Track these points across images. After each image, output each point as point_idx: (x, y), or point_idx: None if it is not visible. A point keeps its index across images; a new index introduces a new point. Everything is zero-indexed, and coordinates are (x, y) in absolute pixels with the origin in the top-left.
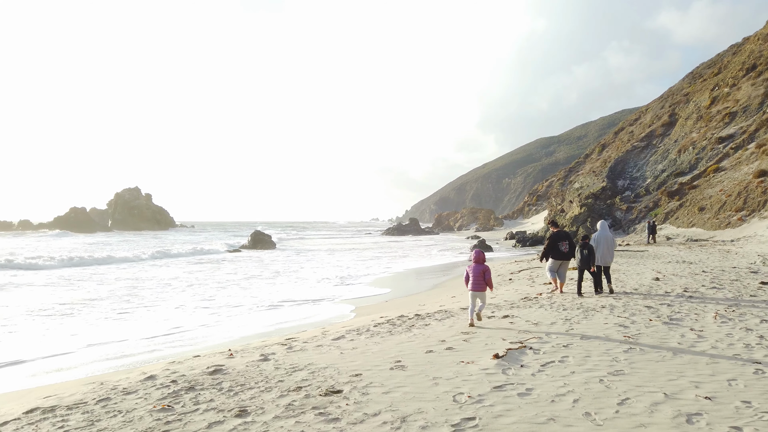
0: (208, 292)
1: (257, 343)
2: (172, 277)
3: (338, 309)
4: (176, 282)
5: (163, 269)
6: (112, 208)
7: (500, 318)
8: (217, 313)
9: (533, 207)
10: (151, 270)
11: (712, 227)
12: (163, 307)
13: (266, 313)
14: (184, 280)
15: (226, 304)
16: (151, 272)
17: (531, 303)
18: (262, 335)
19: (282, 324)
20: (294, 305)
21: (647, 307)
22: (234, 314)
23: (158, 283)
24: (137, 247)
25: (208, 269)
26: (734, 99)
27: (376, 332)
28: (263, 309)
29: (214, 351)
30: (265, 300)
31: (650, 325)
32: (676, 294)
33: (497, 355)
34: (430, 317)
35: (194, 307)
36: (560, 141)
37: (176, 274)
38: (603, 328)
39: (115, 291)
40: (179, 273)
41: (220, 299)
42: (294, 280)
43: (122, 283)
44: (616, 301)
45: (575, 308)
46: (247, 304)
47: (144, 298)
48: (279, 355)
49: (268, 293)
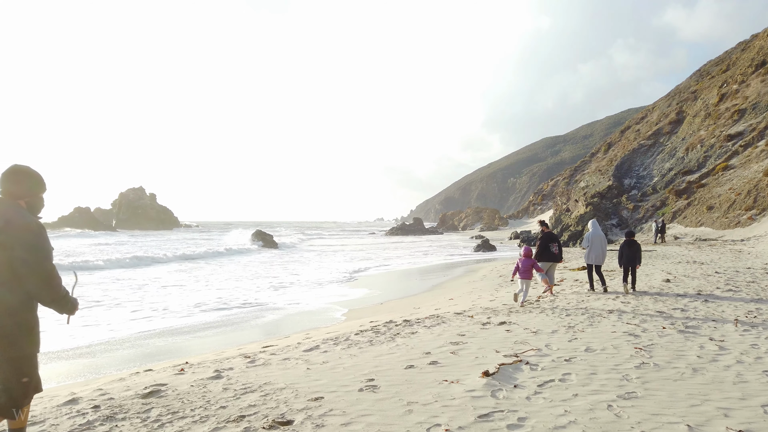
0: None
1: (213, 357)
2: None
3: (329, 312)
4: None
5: (237, 263)
6: (116, 208)
7: (496, 325)
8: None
9: (538, 206)
10: (229, 264)
11: (721, 226)
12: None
13: (257, 318)
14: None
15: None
16: (237, 264)
17: (532, 307)
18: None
19: (266, 330)
20: (285, 307)
21: (659, 313)
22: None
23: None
24: (179, 246)
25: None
26: (743, 96)
27: (355, 342)
28: (256, 309)
29: (172, 365)
30: (266, 302)
31: (664, 334)
32: (690, 297)
33: (487, 372)
34: (419, 323)
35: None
36: (566, 140)
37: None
38: (611, 337)
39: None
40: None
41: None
42: (290, 281)
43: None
44: (624, 305)
45: (580, 313)
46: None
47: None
48: (236, 371)
49: (268, 296)
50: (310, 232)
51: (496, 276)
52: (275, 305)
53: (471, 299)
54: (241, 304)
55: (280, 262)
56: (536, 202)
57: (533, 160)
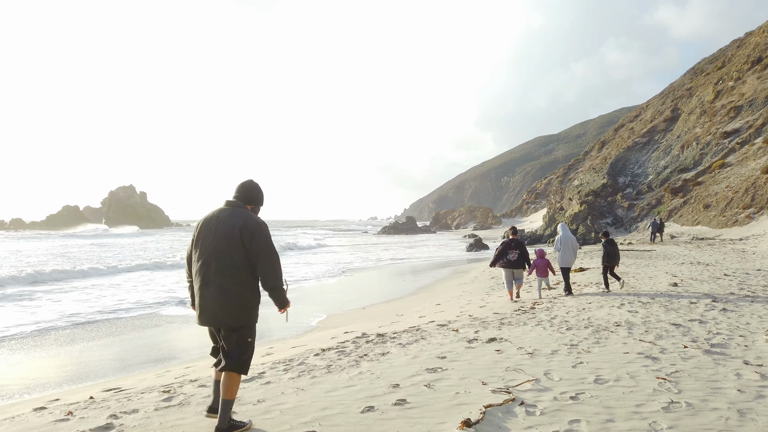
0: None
1: (123, 386)
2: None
3: (305, 317)
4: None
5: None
6: (106, 207)
7: (485, 342)
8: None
9: (532, 205)
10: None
11: (719, 225)
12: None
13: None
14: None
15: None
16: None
17: (527, 318)
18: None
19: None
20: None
21: (674, 326)
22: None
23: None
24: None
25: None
26: (739, 93)
27: (311, 367)
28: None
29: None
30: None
31: (687, 356)
32: (705, 305)
33: (468, 422)
34: (395, 339)
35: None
36: (559, 139)
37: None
38: (623, 360)
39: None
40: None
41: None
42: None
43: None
44: (632, 315)
45: (582, 326)
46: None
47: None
48: (138, 417)
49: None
50: (297, 231)
51: (487, 278)
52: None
53: (459, 305)
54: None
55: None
56: (530, 200)
57: (527, 159)
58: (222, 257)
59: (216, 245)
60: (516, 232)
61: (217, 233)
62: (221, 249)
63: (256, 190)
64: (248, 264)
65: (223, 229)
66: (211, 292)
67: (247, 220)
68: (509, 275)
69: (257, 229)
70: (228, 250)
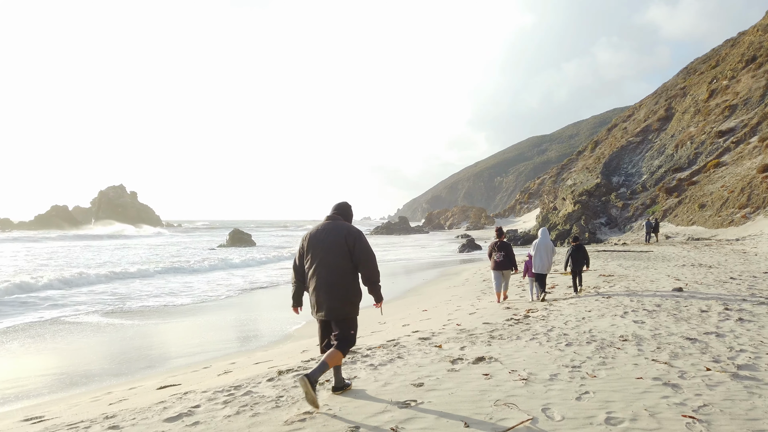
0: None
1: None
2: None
3: (282, 323)
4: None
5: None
6: (96, 206)
7: (471, 363)
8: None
9: (525, 205)
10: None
11: (714, 225)
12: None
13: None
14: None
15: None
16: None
17: (520, 330)
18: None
19: (214, 346)
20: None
21: (689, 340)
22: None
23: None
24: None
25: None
26: (734, 92)
27: (258, 398)
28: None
29: None
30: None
31: (713, 382)
32: (718, 314)
33: None
34: (367, 359)
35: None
36: (552, 139)
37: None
38: (637, 389)
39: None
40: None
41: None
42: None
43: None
44: (639, 327)
45: (584, 341)
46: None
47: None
48: None
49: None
50: (286, 231)
51: (479, 280)
52: (234, 307)
53: (447, 311)
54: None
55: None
56: (523, 200)
57: (520, 159)
58: (332, 263)
59: (326, 253)
60: (502, 234)
61: (326, 243)
62: (331, 256)
63: (349, 209)
64: (353, 267)
65: (331, 239)
66: (325, 292)
67: (349, 229)
68: (498, 277)
69: (359, 237)
70: (336, 256)
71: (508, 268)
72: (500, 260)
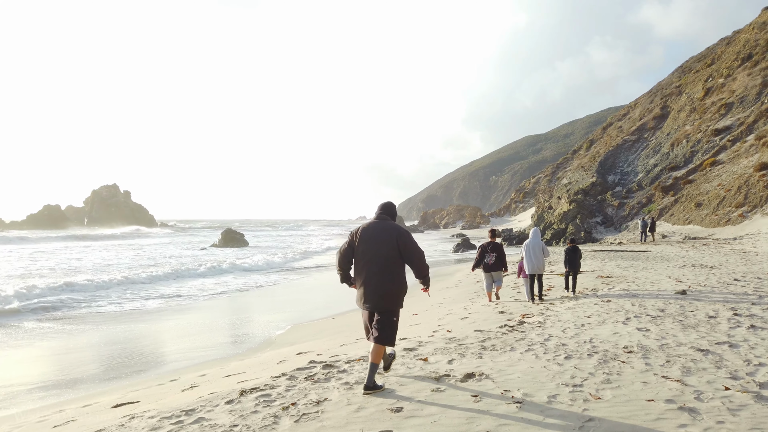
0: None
1: None
2: None
3: (270, 328)
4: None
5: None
6: (89, 206)
7: (459, 381)
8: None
9: (520, 204)
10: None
11: (711, 224)
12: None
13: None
14: None
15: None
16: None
17: (514, 339)
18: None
19: (197, 353)
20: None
21: (701, 352)
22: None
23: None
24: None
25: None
26: (730, 90)
27: (208, 427)
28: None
29: None
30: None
31: (735, 405)
32: (727, 320)
33: None
34: (343, 375)
35: None
36: (547, 139)
37: None
38: (650, 416)
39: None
40: None
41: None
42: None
43: None
44: (644, 336)
45: (585, 353)
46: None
47: None
48: None
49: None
50: (278, 231)
51: (472, 281)
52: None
53: (438, 315)
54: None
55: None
56: (518, 199)
57: (515, 158)
58: (382, 259)
59: (377, 249)
60: (495, 235)
61: (378, 241)
62: (381, 252)
63: (394, 209)
64: (400, 262)
65: (383, 237)
66: (374, 285)
67: (399, 229)
68: (488, 278)
69: (407, 236)
70: (386, 252)
71: (499, 270)
72: (492, 262)
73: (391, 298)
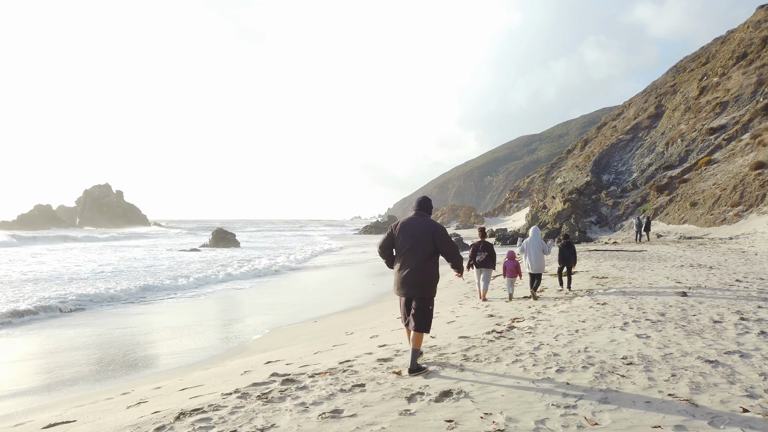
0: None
1: None
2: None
3: (248, 332)
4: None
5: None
6: (80, 206)
7: (433, 401)
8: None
9: (514, 204)
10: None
11: (706, 224)
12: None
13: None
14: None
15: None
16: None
17: (501, 347)
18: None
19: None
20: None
21: (709, 363)
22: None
23: None
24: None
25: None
26: (725, 88)
27: None
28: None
29: None
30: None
31: (757, 430)
32: (734, 325)
33: None
34: (302, 393)
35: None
36: (542, 139)
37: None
38: None
39: None
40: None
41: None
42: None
43: None
44: (645, 344)
45: (579, 365)
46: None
47: None
48: None
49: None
50: (271, 232)
51: (463, 282)
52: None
53: None
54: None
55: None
56: (512, 199)
57: (510, 158)
58: (419, 250)
59: (415, 242)
60: (485, 235)
61: (416, 233)
62: (419, 244)
63: (430, 204)
64: (435, 254)
65: (420, 232)
66: (412, 274)
67: (435, 224)
68: (478, 275)
69: (443, 231)
70: (423, 245)
71: (491, 267)
72: (483, 259)
73: (426, 287)
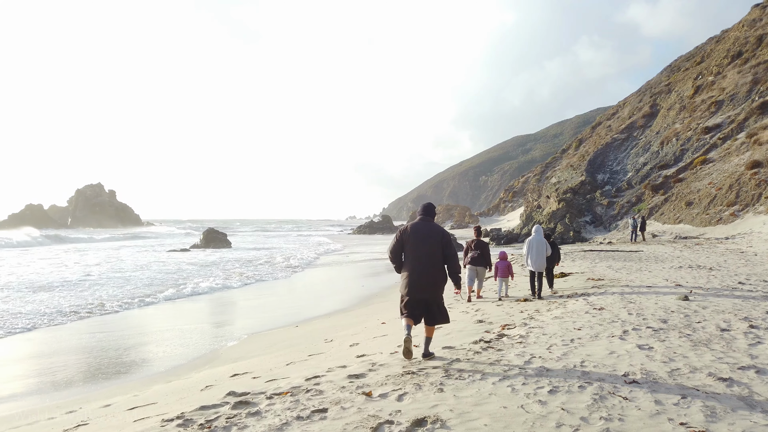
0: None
1: None
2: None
3: (224, 338)
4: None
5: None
6: (72, 205)
7: (408, 427)
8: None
9: (509, 203)
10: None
11: (702, 223)
12: None
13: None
14: None
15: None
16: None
17: (488, 360)
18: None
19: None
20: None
21: (723, 381)
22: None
23: None
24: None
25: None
26: (720, 87)
27: None
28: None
29: None
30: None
31: None
32: (743, 333)
33: None
34: (251, 422)
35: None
36: (536, 139)
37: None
38: None
39: None
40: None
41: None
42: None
43: None
44: (648, 357)
45: (575, 383)
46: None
47: None
48: None
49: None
50: (267, 233)
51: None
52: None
53: None
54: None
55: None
56: (507, 199)
57: (504, 158)
58: (429, 254)
59: (426, 246)
60: (480, 234)
61: (426, 238)
62: (429, 249)
63: (434, 209)
64: (443, 258)
65: (428, 236)
66: (423, 277)
67: (442, 230)
68: (471, 273)
69: (448, 237)
70: (433, 249)
71: (483, 266)
72: (476, 256)
73: (435, 288)
